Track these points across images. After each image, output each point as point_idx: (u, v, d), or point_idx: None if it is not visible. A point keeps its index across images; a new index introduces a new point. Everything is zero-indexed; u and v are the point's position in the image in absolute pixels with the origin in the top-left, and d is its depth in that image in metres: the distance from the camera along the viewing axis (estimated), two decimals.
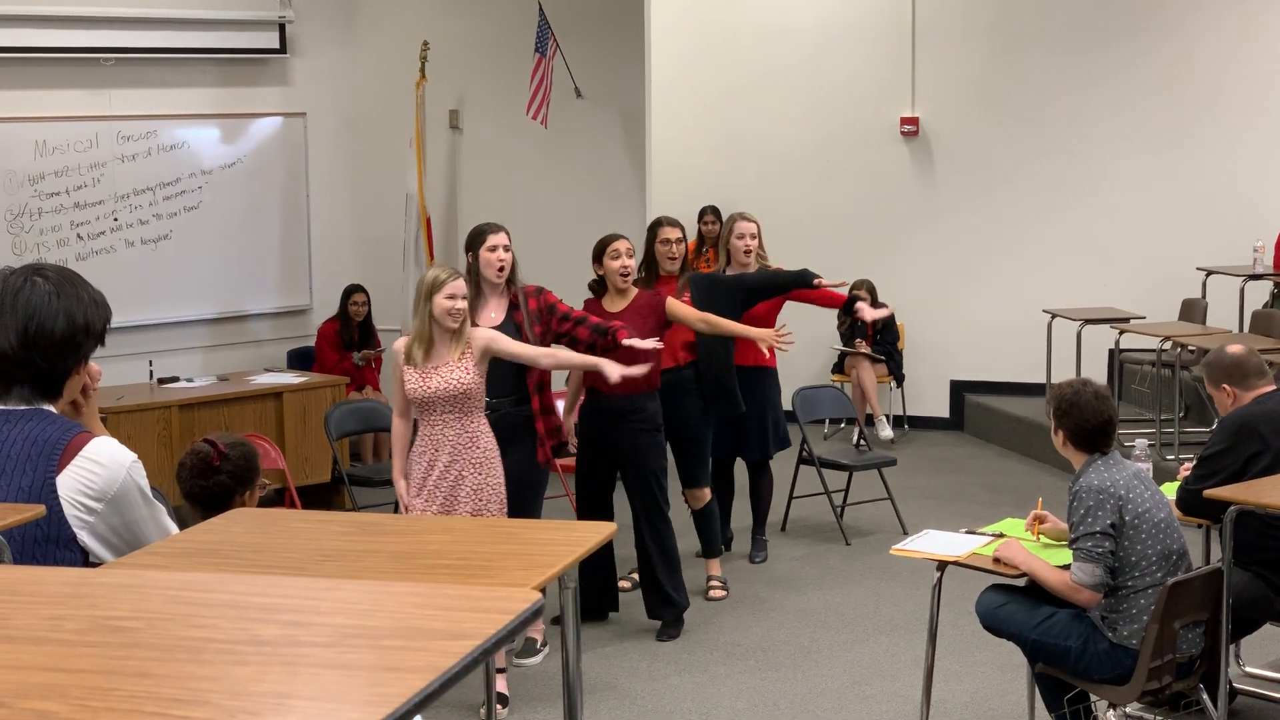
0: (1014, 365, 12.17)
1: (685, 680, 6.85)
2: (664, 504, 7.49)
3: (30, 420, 3.05)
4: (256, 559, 2.85)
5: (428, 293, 6.37)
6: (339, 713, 1.52)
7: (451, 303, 6.34)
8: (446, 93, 11.47)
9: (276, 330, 11.44)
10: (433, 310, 6.35)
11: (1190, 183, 11.85)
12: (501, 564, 2.81)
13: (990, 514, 7.59)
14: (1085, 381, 5.47)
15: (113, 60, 10.47)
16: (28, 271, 3.10)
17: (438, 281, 6.37)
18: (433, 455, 6.35)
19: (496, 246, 6.88)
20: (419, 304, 6.41)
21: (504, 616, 1.77)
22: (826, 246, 12.68)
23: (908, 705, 6.37)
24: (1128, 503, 5.17)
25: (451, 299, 6.34)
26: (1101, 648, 5.23)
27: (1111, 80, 12.00)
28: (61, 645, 1.74)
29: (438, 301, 6.34)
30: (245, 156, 11.17)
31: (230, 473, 4.77)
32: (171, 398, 9.40)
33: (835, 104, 12.67)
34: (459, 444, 6.34)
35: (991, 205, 12.38)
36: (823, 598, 8.07)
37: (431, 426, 6.38)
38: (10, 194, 10.01)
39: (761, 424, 8.47)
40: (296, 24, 11.36)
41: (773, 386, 8.58)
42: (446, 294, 6.33)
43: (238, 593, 1.99)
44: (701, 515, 8.06)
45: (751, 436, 8.50)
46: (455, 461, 6.34)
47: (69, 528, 3.01)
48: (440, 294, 6.34)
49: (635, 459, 7.41)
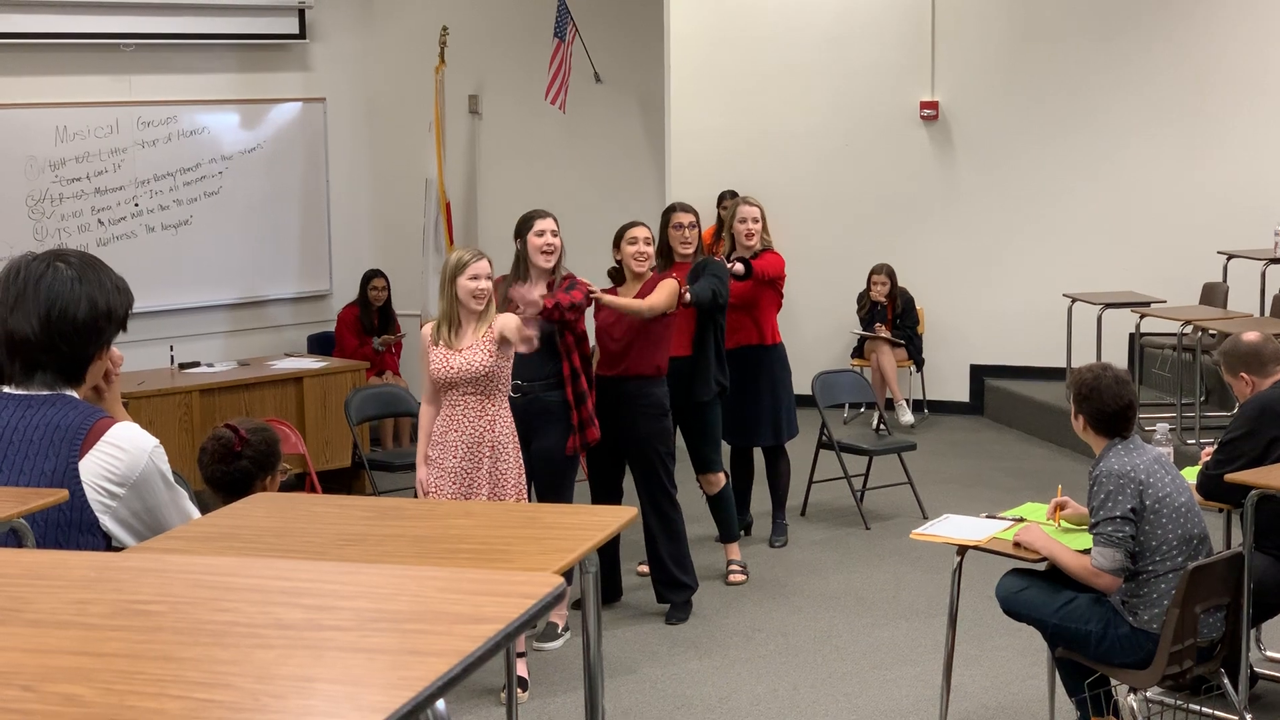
0: (1034, 349, 12.14)
1: (705, 664, 6.85)
2: (670, 487, 7.49)
3: (53, 406, 3.06)
4: (278, 543, 2.86)
5: (452, 274, 6.37)
6: (362, 696, 1.53)
7: (475, 284, 6.34)
8: (466, 78, 11.47)
9: (297, 315, 11.46)
10: (457, 292, 6.35)
11: (1211, 166, 11.81)
12: (522, 548, 2.82)
13: (1010, 499, 7.58)
14: (1105, 366, 5.46)
15: (133, 46, 10.49)
16: (50, 257, 3.11)
17: (461, 262, 6.37)
18: (453, 437, 6.36)
19: (544, 231, 6.90)
20: (444, 286, 6.42)
21: (525, 601, 1.77)
22: (845, 231, 12.68)
23: (928, 689, 6.36)
24: (1148, 487, 5.16)
25: (475, 279, 6.34)
26: (1122, 632, 5.22)
27: (1132, 63, 11.96)
28: (87, 629, 1.75)
29: (461, 283, 6.34)
30: (265, 142, 11.18)
31: (251, 458, 4.78)
32: (192, 383, 9.42)
33: (855, 88, 12.63)
34: (478, 427, 6.34)
35: (1011, 189, 12.34)
36: (843, 582, 8.07)
37: (452, 408, 6.38)
38: (32, 179, 10.03)
39: (770, 408, 8.45)
40: (316, 9, 11.36)
41: (777, 366, 8.50)
42: (470, 275, 6.34)
43: (261, 577, 1.99)
44: (716, 500, 8.05)
45: (760, 422, 8.47)
46: (474, 445, 6.34)
47: (91, 512, 3.02)
48: (464, 275, 6.34)
49: (640, 442, 7.40)
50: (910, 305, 12.20)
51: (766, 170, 12.66)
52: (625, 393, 7.33)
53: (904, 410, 12.04)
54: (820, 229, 12.74)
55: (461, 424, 6.36)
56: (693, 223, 7.99)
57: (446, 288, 6.39)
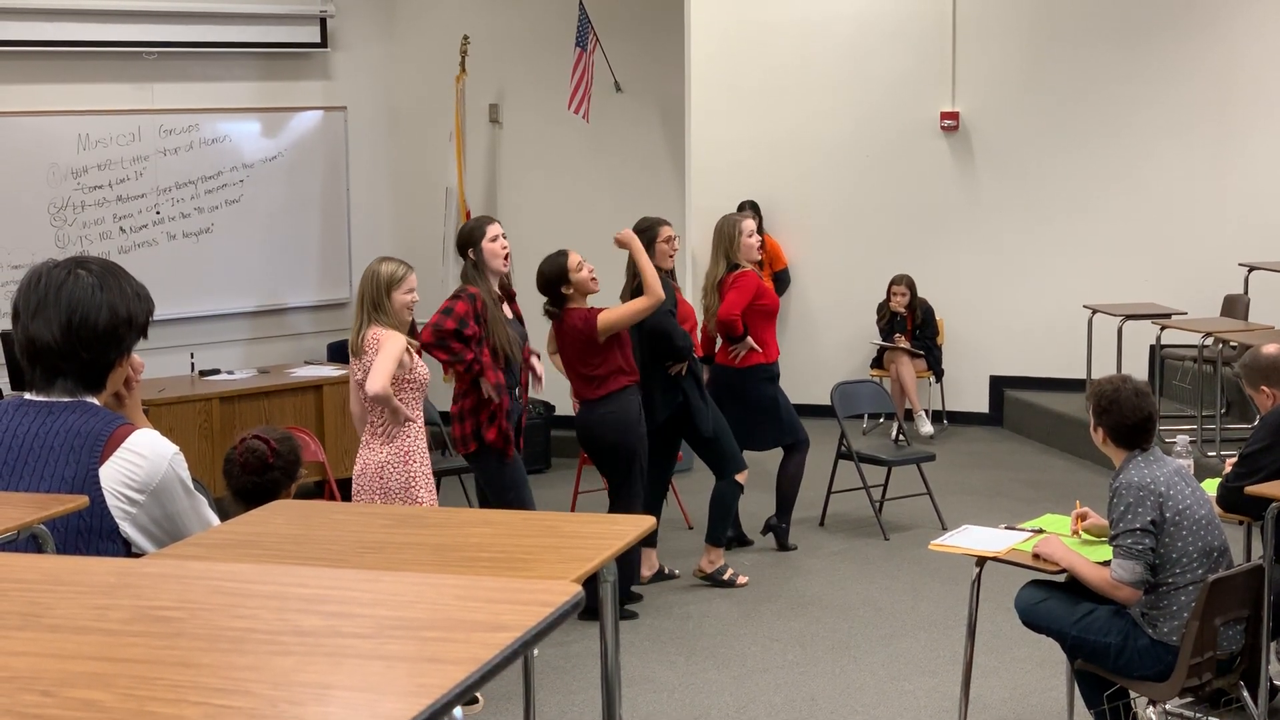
0: (1054, 361, 12.12)
1: (723, 674, 6.85)
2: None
3: (73, 412, 3.07)
4: (297, 550, 2.86)
5: (387, 287, 6.46)
6: (380, 703, 1.53)
7: (410, 297, 6.53)
8: (486, 87, 11.49)
9: (316, 323, 11.49)
10: (393, 305, 6.45)
11: (1233, 178, 11.78)
12: (541, 557, 2.82)
13: (1030, 510, 7.58)
14: (1125, 378, 5.45)
15: (155, 54, 10.52)
16: (71, 264, 3.12)
17: (396, 276, 6.49)
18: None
19: (498, 236, 7.16)
20: (378, 298, 6.47)
21: (544, 609, 1.77)
22: (866, 241, 12.67)
23: (946, 701, 6.35)
24: (1168, 499, 5.15)
25: (410, 293, 6.52)
26: (1141, 644, 5.21)
27: (1152, 74, 11.94)
28: (106, 635, 1.75)
29: (396, 297, 6.47)
30: (286, 150, 11.21)
31: (282, 468, 4.80)
32: (212, 390, 9.44)
33: (875, 99, 12.62)
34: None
35: (1031, 200, 12.32)
36: (861, 592, 8.06)
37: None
38: (53, 187, 10.07)
39: (744, 422, 8.52)
40: (337, 18, 11.39)
41: (750, 386, 8.54)
42: (405, 289, 6.50)
43: (280, 584, 2.00)
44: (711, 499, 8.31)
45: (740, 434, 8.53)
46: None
47: (111, 519, 3.03)
48: (400, 289, 6.48)
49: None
50: (930, 316, 12.18)
51: (786, 181, 12.66)
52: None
53: (923, 421, 12.02)
54: (840, 239, 12.73)
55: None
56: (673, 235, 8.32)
57: (382, 301, 6.43)
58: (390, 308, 6.40)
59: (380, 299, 6.40)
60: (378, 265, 6.52)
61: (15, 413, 3.11)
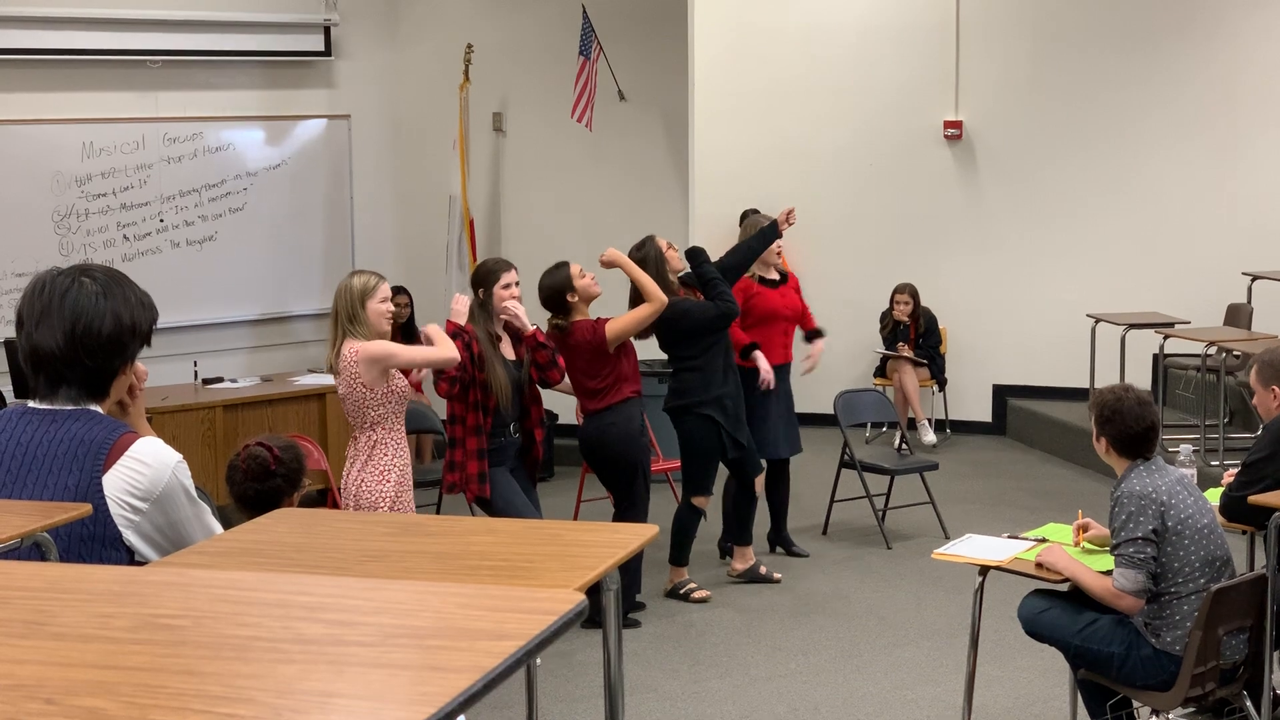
0: (1057, 370, 12.11)
1: (726, 683, 6.85)
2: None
3: (77, 420, 3.07)
4: (300, 559, 2.86)
5: (361, 298, 6.48)
6: (384, 712, 1.53)
7: (386, 305, 6.54)
8: (490, 95, 11.51)
9: (320, 332, 11.46)
10: (368, 316, 6.46)
11: (1236, 187, 11.78)
12: (544, 565, 2.82)
13: (1033, 519, 7.57)
14: (1127, 388, 5.44)
15: (159, 63, 10.54)
16: (75, 272, 3.12)
17: (369, 287, 6.51)
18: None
19: (510, 284, 7.25)
20: (353, 309, 6.49)
21: (547, 617, 1.77)
22: (869, 249, 12.67)
23: (949, 710, 6.35)
24: (1170, 509, 5.15)
25: (385, 302, 6.54)
26: (1144, 654, 5.21)
27: (1156, 83, 11.94)
28: (110, 643, 1.75)
29: (372, 306, 6.49)
30: (290, 158, 11.23)
31: (284, 476, 4.80)
32: (216, 398, 9.46)
33: (878, 107, 12.62)
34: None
35: (1035, 209, 12.32)
36: (864, 601, 8.05)
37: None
38: (57, 195, 10.08)
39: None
40: (341, 27, 11.40)
41: (752, 392, 8.46)
42: (380, 298, 6.51)
43: (283, 592, 2.00)
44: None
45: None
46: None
47: (114, 527, 3.03)
48: (374, 299, 6.49)
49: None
50: (933, 325, 12.18)
51: (790, 188, 12.62)
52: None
53: (926, 430, 12.01)
54: (843, 248, 12.72)
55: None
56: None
57: (357, 312, 6.45)
58: (366, 318, 6.43)
59: (355, 310, 6.44)
60: (349, 280, 6.58)
61: (19, 421, 3.11)
